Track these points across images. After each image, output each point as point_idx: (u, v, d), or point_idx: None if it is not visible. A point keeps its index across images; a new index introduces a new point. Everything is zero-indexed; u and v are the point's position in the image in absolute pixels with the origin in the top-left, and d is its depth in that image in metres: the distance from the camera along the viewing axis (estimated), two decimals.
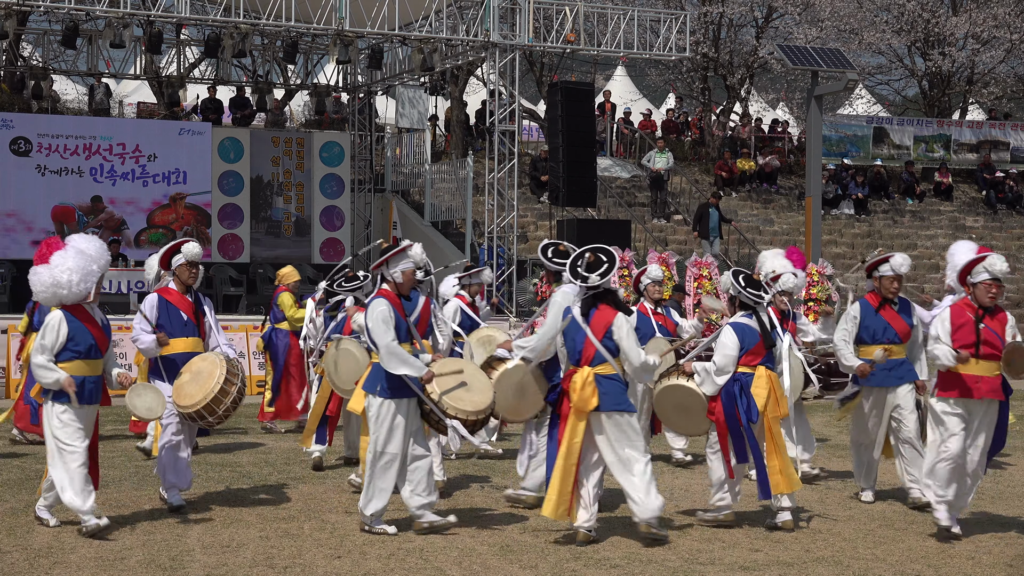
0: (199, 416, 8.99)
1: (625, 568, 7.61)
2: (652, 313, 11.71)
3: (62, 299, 8.38)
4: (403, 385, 8.38)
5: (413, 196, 26.89)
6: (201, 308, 9.70)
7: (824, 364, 10.86)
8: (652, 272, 11.92)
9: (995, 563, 7.96)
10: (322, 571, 7.44)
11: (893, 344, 9.67)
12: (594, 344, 8.23)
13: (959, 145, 32.43)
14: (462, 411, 8.40)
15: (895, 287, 9.77)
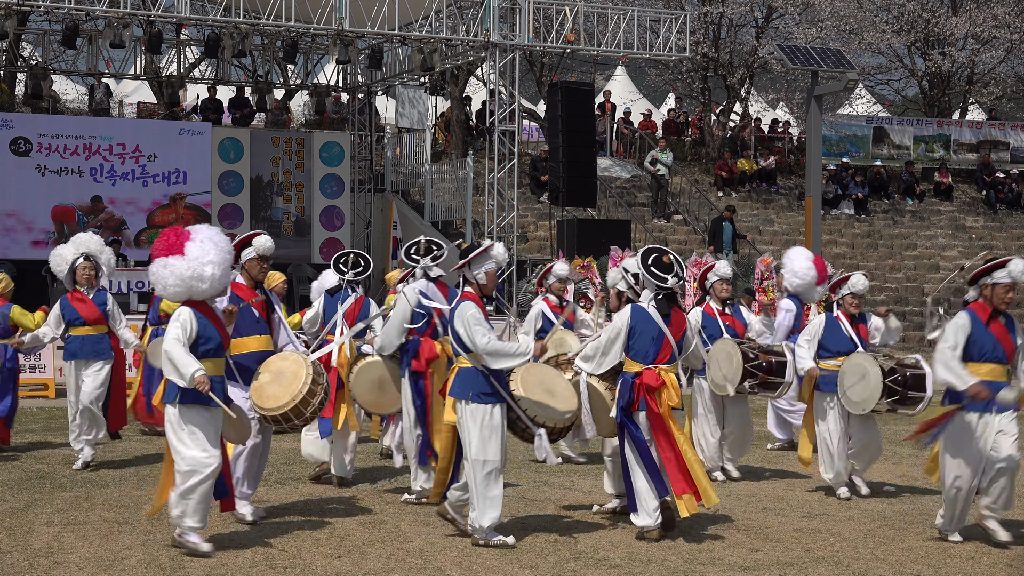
0: (284, 419, 8.33)
1: (625, 568, 7.61)
2: (719, 313, 11.12)
3: (198, 294, 7.84)
4: (495, 391, 8.11)
5: (413, 196, 26.89)
6: (271, 305, 9.06)
7: (901, 375, 9.85)
8: (720, 269, 11.24)
9: (995, 563, 7.96)
10: (322, 571, 7.43)
11: (1000, 364, 8.29)
12: (671, 344, 8.43)
13: (959, 145, 32.44)
14: (550, 419, 8.20)
15: (1010, 297, 8.36)
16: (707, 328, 10.96)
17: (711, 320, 11.05)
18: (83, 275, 11.16)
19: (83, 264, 11.15)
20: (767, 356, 10.66)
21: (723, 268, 11.22)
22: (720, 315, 11.08)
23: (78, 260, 11.15)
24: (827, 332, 10.19)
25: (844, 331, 10.18)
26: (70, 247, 11.26)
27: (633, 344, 8.35)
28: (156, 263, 7.88)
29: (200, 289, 7.84)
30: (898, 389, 9.77)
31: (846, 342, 10.15)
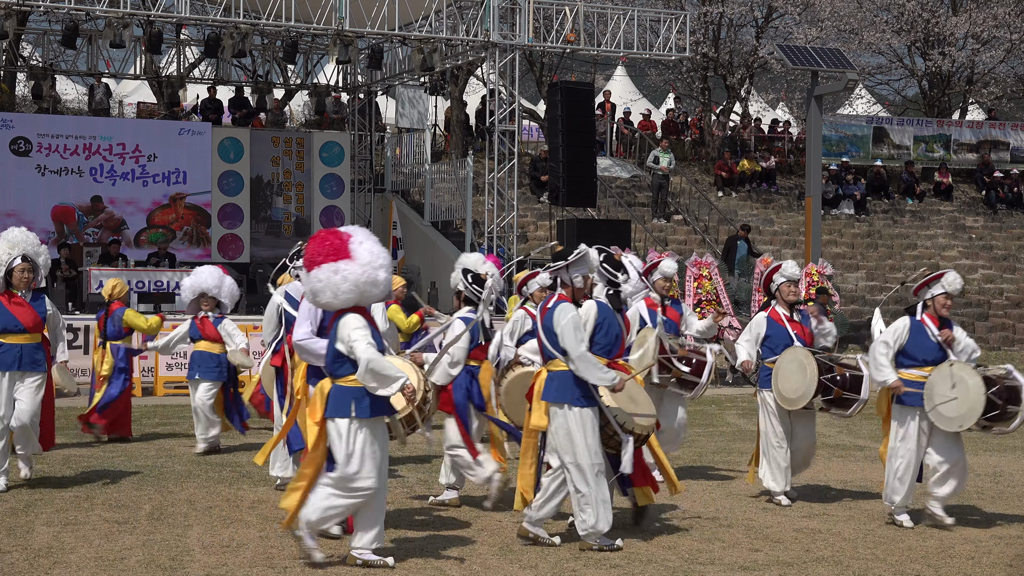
0: (404, 423, 7.77)
1: (625, 568, 7.61)
2: (787, 320, 9.95)
3: (368, 299, 7.42)
4: (592, 395, 8.00)
5: (413, 196, 26.90)
6: None
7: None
8: (788, 269, 10.02)
9: (995, 563, 7.95)
10: (322, 571, 7.43)
11: None
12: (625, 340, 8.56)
13: (959, 145, 32.44)
14: (638, 426, 8.13)
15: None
16: (773, 337, 9.85)
17: (778, 328, 9.89)
18: (21, 277, 9.83)
19: (20, 265, 9.82)
20: (843, 369, 9.65)
21: (791, 268, 10.00)
22: (788, 321, 9.91)
23: (15, 261, 9.81)
24: (912, 338, 9.27)
25: (931, 337, 9.23)
26: (3, 245, 9.90)
27: (599, 339, 8.23)
28: (324, 269, 7.26)
29: (372, 294, 7.39)
30: (999, 403, 8.81)
31: (933, 350, 9.18)
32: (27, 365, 9.84)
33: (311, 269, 7.33)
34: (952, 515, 9.10)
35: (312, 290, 7.36)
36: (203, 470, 11.16)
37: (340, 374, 7.38)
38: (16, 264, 9.86)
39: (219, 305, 12.63)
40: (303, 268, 7.51)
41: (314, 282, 7.31)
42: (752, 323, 10.11)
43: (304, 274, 7.45)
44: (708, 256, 21.83)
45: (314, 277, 7.31)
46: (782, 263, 10.09)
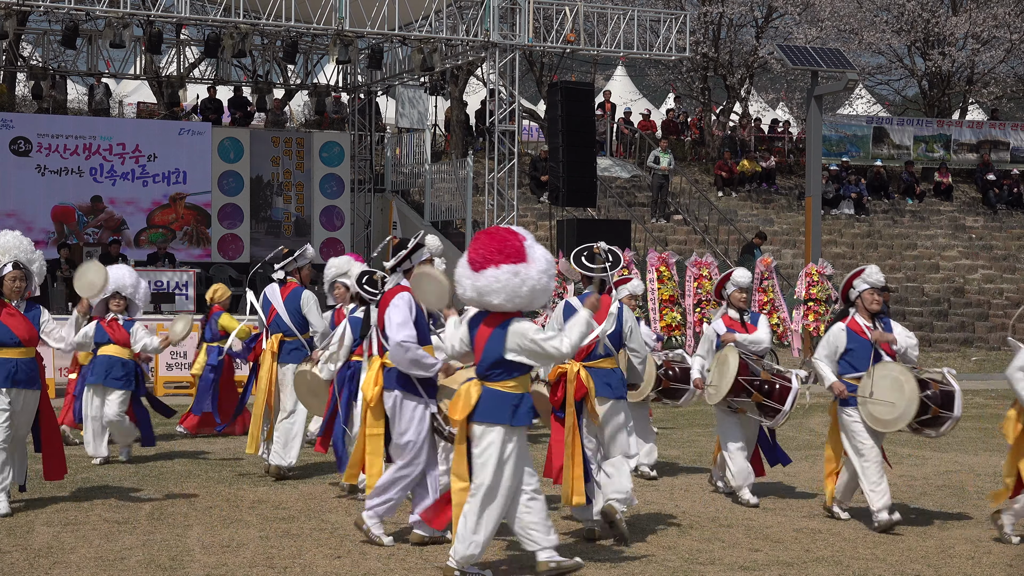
0: None
1: (625, 568, 7.61)
2: (870, 330, 8.98)
3: (535, 306, 7.20)
4: None
5: (413, 196, 26.90)
6: None
7: None
8: (871, 275, 9.05)
9: (995, 563, 7.96)
10: (322, 571, 7.43)
11: None
12: None
13: (959, 145, 32.45)
14: None
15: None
16: (855, 350, 8.92)
17: (861, 341, 8.94)
18: (12, 286, 9.04)
19: (12, 273, 9.05)
20: (939, 385, 8.92)
21: (875, 275, 9.03)
22: (872, 333, 8.96)
23: (5, 268, 9.05)
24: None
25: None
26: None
27: None
28: (504, 270, 6.94)
29: (540, 301, 7.18)
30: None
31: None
32: (22, 382, 9.02)
33: (484, 268, 6.97)
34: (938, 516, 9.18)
35: (483, 289, 6.99)
36: (203, 470, 11.17)
37: (499, 379, 7.12)
38: (7, 272, 9.05)
39: (128, 308, 11.57)
40: (467, 265, 7.07)
41: (489, 281, 6.95)
42: (829, 336, 9.03)
43: (468, 272, 7.05)
44: (708, 256, 21.83)
45: (489, 276, 6.95)
46: (864, 268, 9.15)
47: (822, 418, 15.75)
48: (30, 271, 9.19)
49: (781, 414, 9.53)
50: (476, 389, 7.15)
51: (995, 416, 16.72)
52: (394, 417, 8.06)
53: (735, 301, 9.98)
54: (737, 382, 9.47)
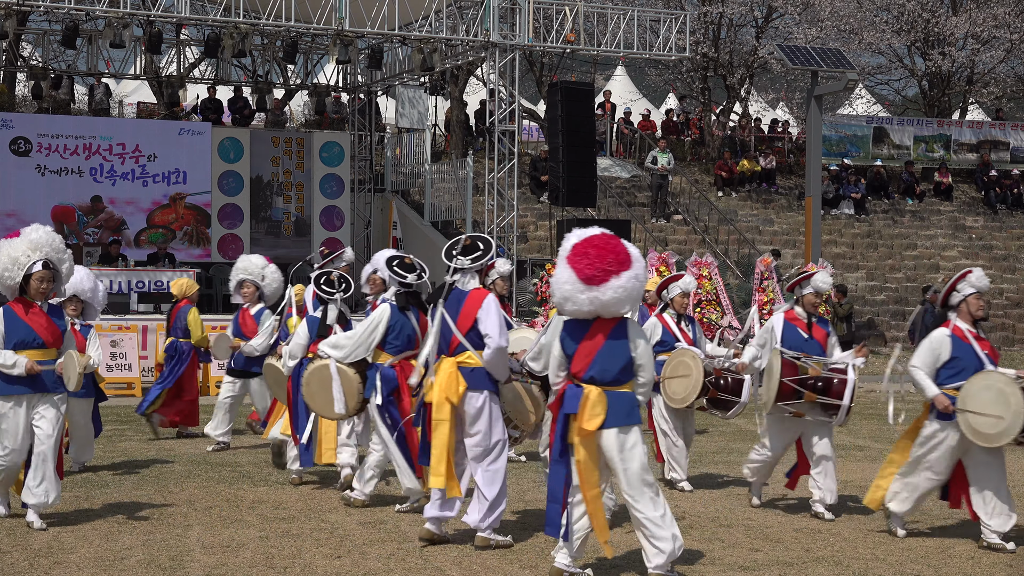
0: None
1: (625, 568, 7.61)
2: (975, 337, 8.56)
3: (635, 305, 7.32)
4: None
5: (413, 196, 26.89)
6: None
7: None
8: (977, 279, 8.60)
9: (995, 563, 7.96)
10: (322, 571, 7.44)
11: None
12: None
13: (959, 145, 32.45)
14: None
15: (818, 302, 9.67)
16: (960, 359, 8.43)
17: (965, 348, 8.47)
18: (38, 287, 8.50)
19: (40, 273, 8.49)
20: None
21: (980, 279, 8.60)
22: (976, 339, 8.51)
23: (34, 266, 8.47)
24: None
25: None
26: (22, 245, 8.50)
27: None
28: (625, 278, 6.99)
29: (635, 300, 7.24)
30: None
31: None
32: (46, 386, 8.53)
33: (606, 280, 6.96)
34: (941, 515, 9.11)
35: (610, 302, 6.99)
36: (203, 470, 11.17)
37: (625, 382, 7.16)
38: (35, 271, 8.46)
39: (85, 311, 10.81)
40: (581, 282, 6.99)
41: (616, 293, 6.96)
42: (930, 341, 8.53)
43: (584, 288, 6.99)
44: (708, 256, 21.83)
45: (615, 288, 6.96)
46: (970, 270, 8.66)
47: None
48: (59, 271, 8.66)
49: (841, 410, 8.99)
50: (603, 397, 7.09)
51: None
52: (479, 417, 8.12)
53: (806, 303, 9.46)
54: (783, 385, 8.97)
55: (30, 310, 8.52)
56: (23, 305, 8.53)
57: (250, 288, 12.51)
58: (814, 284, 9.42)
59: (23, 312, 8.51)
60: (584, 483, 7.11)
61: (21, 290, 8.50)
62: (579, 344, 7.15)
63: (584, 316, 7.14)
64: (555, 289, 7.15)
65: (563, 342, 7.21)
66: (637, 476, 7.07)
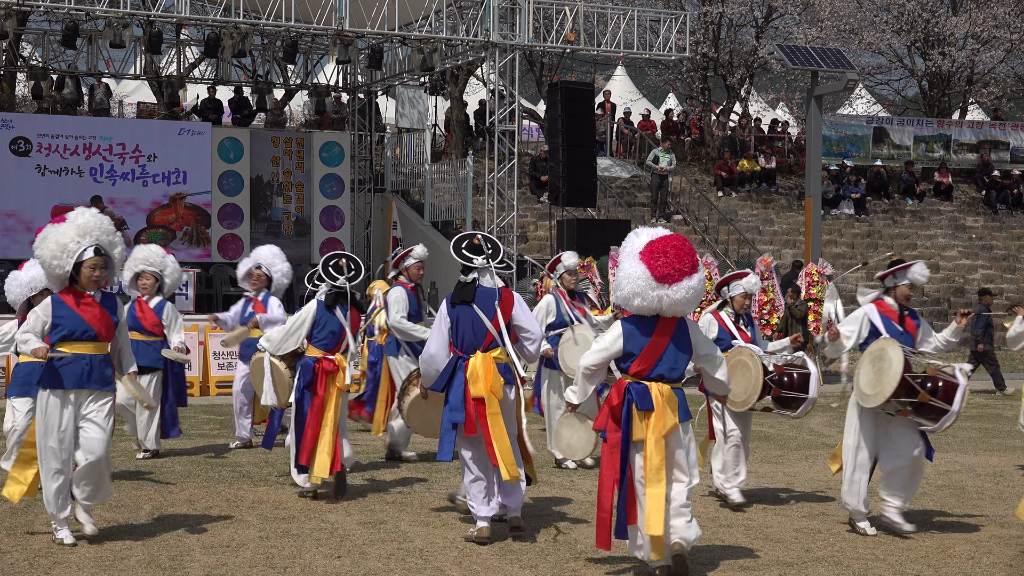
0: None
1: (625, 568, 7.61)
2: None
3: None
4: None
5: (413, 196, 26.90)
6: None
7: None
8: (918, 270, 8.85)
9: (995, 563, 7.95)
10: (322, 571, 7.44)
11: None
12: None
13: (959, 145, 32.46)
14: None
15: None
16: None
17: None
18: (90, 276, 7.90)
19: (92, 260, 7.90)
20: None
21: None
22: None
23: (85, 253, 7.87)
24: None
25: None
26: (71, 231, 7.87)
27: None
28: (696, 279, 7.27)
29: None
30: None
31: None
32: (96, 382, 7.93)
33: (679, 280, 7.19)
34: (947, 516, 9.09)
35: (680, 301, 7.21)
36: (203, 470, 11.17)
37: (681, 379, 7.47)
38: (87, 258, 7.85)
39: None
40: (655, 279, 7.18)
41: (687, 293, 7.20)
42: None
43: (657, 285, 7.17)
44: (708, 256, 21.82)
45: (687, 287, 7.20)
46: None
47: (822, 418, 15.76)
48: (111, 257, 8.02)
49: (949, 415, 8.45)
50: (673, 395, 7.33)
51: (995, 416, 16.74)
52: (508, 410, 8.47)
53: (899, 295, 8.92)
54: (904, 380, 8.42)
55: (81, 300, 7.89)
56: (73, 295, 7.90)
57: (150, 279, 12.18)
58: (911, 276, 8.92)
59: (74, 303, 7.88)
60: (653, 480, 7.20)
61: (71, 279, 7.91)
62: (647, 343, 7.28)
63: (649, 313, 7.27)
64: (624, 284, 7.25)
65: (627, 340, 7.31)
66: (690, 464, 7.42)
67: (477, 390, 8.28)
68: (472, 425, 8.34)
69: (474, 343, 8.36)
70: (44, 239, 7.86)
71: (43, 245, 7.86)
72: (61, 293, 7.97)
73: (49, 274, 7.96)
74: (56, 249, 7.81)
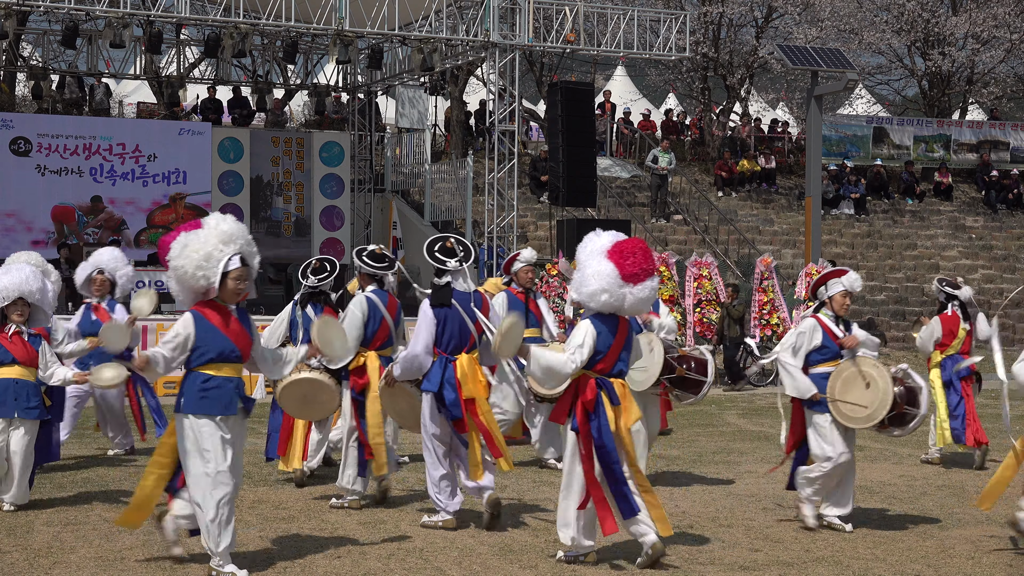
0: None
1: (625, 568, 7.61)
2: None
3: None
4: None
5: (413, 196, 26.90)
6: None
7: None
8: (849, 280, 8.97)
9: (995, 563, 7.95)
10: (322, 571, 7.43)
11: None
12: None
13: (959, 145, 32.46)
14: None
15: None
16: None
17: None
18: (235, 288, 7.23)
19: (238, 271, 7.15)
20: None
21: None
22: None
23: (231, 262, 7.14)
24: None
25: None
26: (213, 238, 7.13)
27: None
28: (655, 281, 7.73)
29: None
30: None
31: None
32: (237, 407, 7.29)
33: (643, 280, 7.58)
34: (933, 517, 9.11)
35: (644, 299, 7.66)
36: None
37: None
38: (233, 267, 7.13)
39: (32, 316, 9.25)
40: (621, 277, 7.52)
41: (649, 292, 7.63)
42: None
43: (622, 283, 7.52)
44: (708, 256, 21.82)
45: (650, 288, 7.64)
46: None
47: None
48: (252, 267, 7.31)
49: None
50: (628, 390, 7.78)
51: (995, 416, 16.71)
52: None
53: None
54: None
55: (225, 317, 7.18)
56: (215, 310, 7.17)
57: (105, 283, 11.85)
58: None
59: (220, 320, 7.16)
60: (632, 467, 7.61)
61: None
62: (612, 341, 7.62)
63: (612, 309, 7.59)
64: (592, 280, 7.53)
65: (598, 339, 7.59)
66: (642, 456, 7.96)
67: (468, 391, 8.56)
68: (465, 424, 8.59)
69: (460, 344, 8.64)
70: (185, 247, 7.04)
71: (184, 254, 7.03)
72: (201, 308, 7.17)
73: (190, 286, 7.12)
74: (201, 259, 7.01)
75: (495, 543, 8.22)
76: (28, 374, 9.04)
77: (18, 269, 9.22)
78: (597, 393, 7.54)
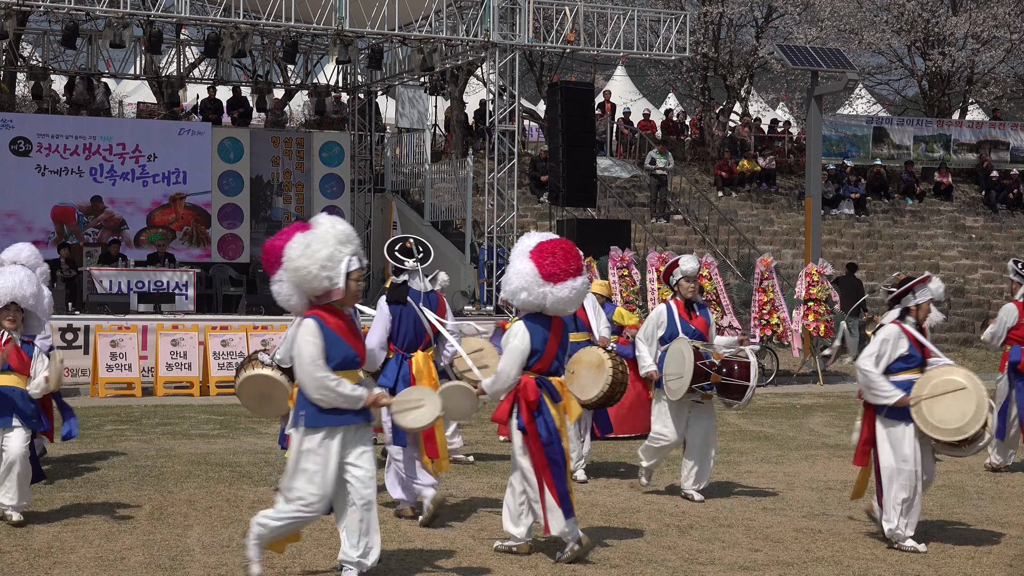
0: None
1: (625, 568, 7.61)
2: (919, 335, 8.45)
3: None
4: None
5: (413, 196, 26.90)
6: None
7: None
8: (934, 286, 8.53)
9: (995, 563, 7.95)
10: (323, 571, 7.43)
11: None
12: None
13: (959, 145, 32.46)
14: None
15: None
16: None
17: None
18: (356, 288, 6.93)
19: (358, 271, 6.92)
20: None
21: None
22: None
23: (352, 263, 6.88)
24: None
25: None
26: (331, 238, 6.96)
27: None
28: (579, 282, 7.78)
29: None
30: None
31: None
32: (360, 414, 6.82)
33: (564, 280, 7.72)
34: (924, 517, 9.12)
35: (565, 300, 7.74)
36: (203, 470, 11.16)
37: None
38: (354, 268, 6.80)
39: (25, 323, 8.80)
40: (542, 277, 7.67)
41: (570, 293, 7.72)
42: None
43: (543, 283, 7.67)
44: (708, 256, 21.82)
45: (571, 287, 7.72)
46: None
47: (821, 418, 15.76)
48: (363, 270, 6.99)
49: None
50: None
51: None
52: None
53: None
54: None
55: (346, 321, 6.81)
56: (334, 314, 6.76)
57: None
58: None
59: (343, 326, 6.76)
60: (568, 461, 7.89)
61: None
62: (547, 340, 7.78)
63: (534, 309, 7.74)
64: (513, 279, 7.72)
65: (532, 337, 7.74)
66: None
67: None
68: None
69: (415, 342, 8.84)
70: (307, 247, 6.73)
71: (306, 254, 6.69)
72: (320, 312, 6.74)
73: (310, 288, 6.71)
74: (324, 259, 6.67)
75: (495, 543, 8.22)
76: (21, 382, 8.65)
77: (12, 272, 8.73)
78: (539, 394, 7.71)
